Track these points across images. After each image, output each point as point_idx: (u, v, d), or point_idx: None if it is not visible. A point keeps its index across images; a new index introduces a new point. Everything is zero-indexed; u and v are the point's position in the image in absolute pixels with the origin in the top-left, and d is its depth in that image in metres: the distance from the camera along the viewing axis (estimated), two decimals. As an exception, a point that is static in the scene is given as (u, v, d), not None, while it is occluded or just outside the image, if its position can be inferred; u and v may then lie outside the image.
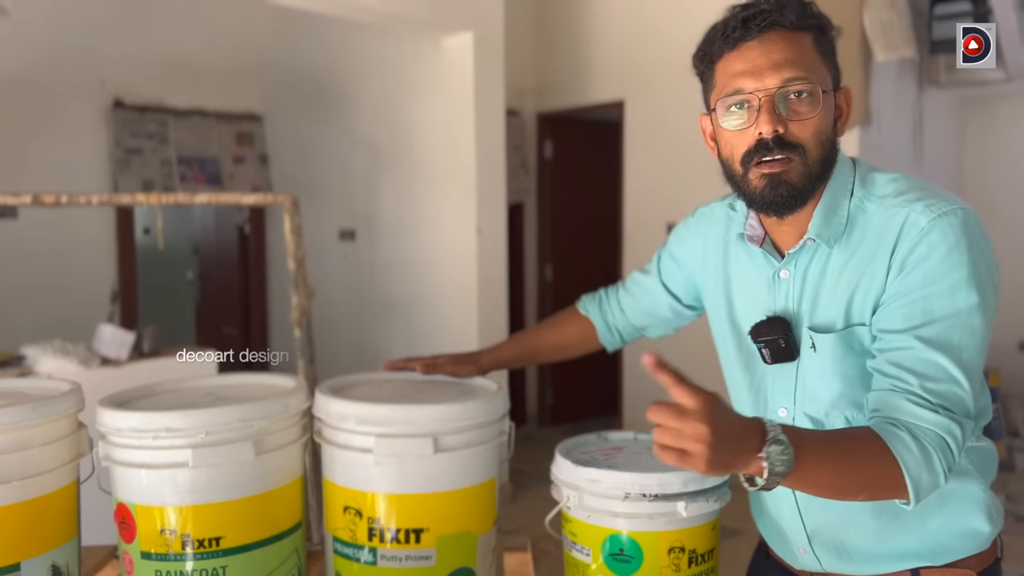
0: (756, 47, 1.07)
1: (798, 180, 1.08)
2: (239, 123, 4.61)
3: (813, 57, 1.08)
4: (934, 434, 0.99)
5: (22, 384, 1.32)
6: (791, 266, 1.16)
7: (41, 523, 1.14)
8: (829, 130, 1.09)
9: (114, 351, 3.03)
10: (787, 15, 1.07)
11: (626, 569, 1.18)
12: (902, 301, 1.05)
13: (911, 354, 1.02)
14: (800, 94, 1.06)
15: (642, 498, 1.16)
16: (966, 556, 1.14)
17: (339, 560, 1.24)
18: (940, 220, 1.04)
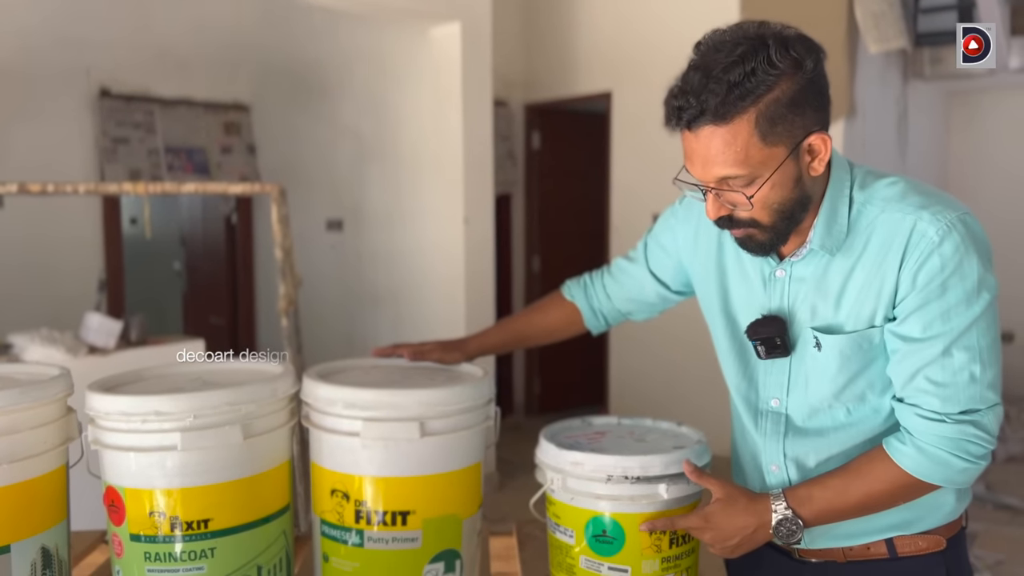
0: (690, 138, 1.09)
1: (764, 240, 1.14)
2: (226, 113, 4.60)
3: (749, 144, 1.05)
4: (948, 440, 1.08)
5: (11, 369, 1.32)
6: (788, 266, 1.20)
7: (31, 506, 1.15)
8: (786, 195, 1.10)
9: (101, 339, 3.03)
10: (711, 110, 1.04)
11: (608, 550, 1.21)
12: (921, 312, 1.10)
13: (934, 362, 1.09)
14: (735, 187, 1.08)
15: (624, 480, 1.19)
16: (936, 526, 1.21)
17: (326, 542, 1.26)
18: (949, 232, 1.08)
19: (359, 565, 1.22)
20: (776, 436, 1.25)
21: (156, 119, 4.30)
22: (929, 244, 1.08)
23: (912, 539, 1.21)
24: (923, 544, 1.21)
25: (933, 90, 5.37)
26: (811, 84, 1.07)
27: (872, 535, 1.21)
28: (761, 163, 1.07)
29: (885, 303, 1.12)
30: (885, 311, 1.13)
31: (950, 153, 5.87)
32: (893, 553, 1.21)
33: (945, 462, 1.09)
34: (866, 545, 1.22)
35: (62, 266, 3.97)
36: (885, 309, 1.13)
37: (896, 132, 4.88)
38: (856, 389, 1.18)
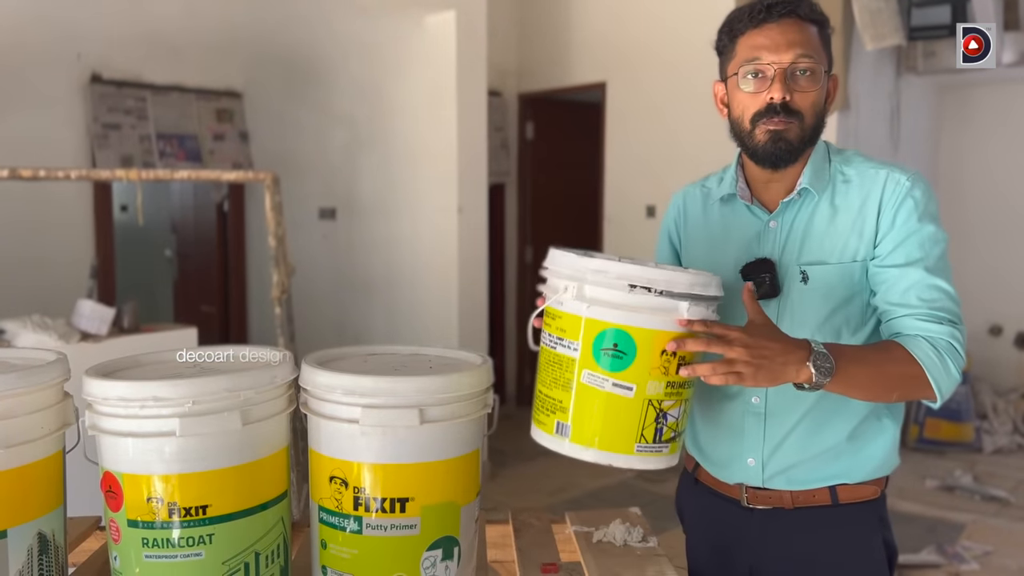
0: (775, 28, 1.33)
1: (795, 139, 1.34)
2: (218, 100, 4.57)
3: (817, 44, 1.34)
4: (944, 341, 1.27)
5: (7, 354, 1.32)
6: (780, 217, 1.40)
7: (27, 491, 1.15)
8: (822, 105, 1.37)
9: (94, 326, 3.02)
10: (802, 7, 1.33)
11: (617, 364, 1.18)
12: (904, 243, 1.32)
13: (917, 282, 1.30)
14: (805, 71, 1.32)
15: (647, 292, 1.16)
16: (872, 477, 1.40)
17: (324, 529, 1.26)
18: (917, 180, 1.35)
19: (357, 552, 1.23)
20: None
21: (148, 105, 4.27)
22: (903, 189, 1.34)
23: (853, 488, 1.39)
24: (861, 492, 1.39)
25: (926, 84, 5.39)
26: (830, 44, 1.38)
27: (819, 482, 1.38)
28: (822, 60, 1.34)
29: (867, 241, 1.35)
30: (866, 250, 1.35)
31: (942, 146, 5.89)
32: (835, 500, 1.38)
33: (945, 363, 1.26)
34: (811, 492, 1.39)
35: (54, 252, 3.95)
36: (866, 248, 1.35)
37: (889, 126, 4.90)
38: (834, 323, 1.36)
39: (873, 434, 1.40)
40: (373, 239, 4.92)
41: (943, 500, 4.37)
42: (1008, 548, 3.75)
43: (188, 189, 5.44)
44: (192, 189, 5.37)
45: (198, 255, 5.38)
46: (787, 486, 1.40)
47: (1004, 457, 5.05)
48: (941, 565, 3.57)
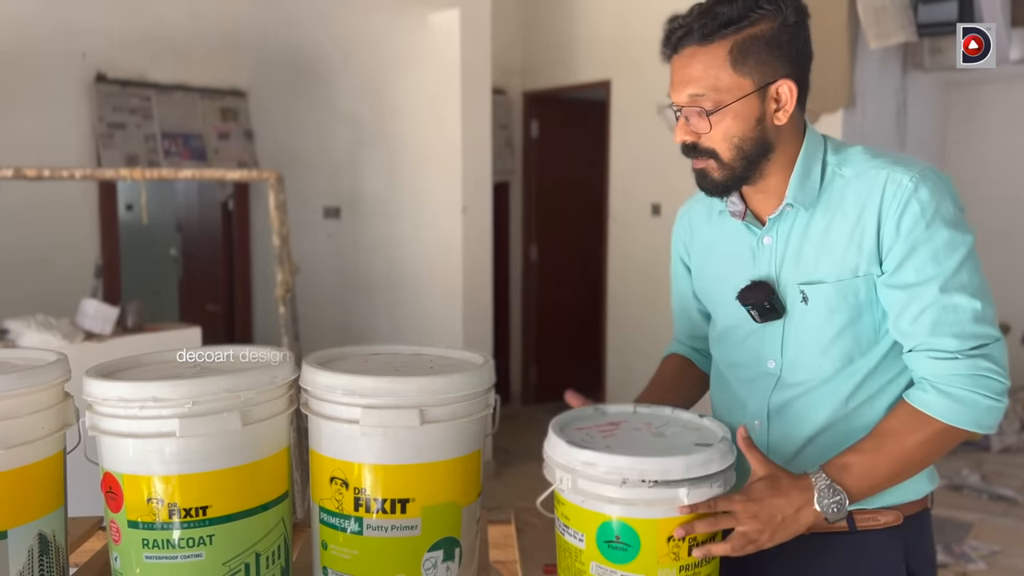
0: (676, 62, 1.23)
1: (719, 177, 1.24)
2: (223, 99, 4.57)
3: (721, 69, 1.18)
4: (967, 378, 1.13)
5: (7, 354, 1.31)
6: (773, 232, 1.28)
7: (28, 492, 1.14)
8: (746, 131, 1.21)
9: (98, 325, 3.02)
10: (696, 31, 1.19)
11: (622, 557, 1.12)
12: (912, 257, 1.17)
13: (935, 303, 1.15)
14: (701, 110, 1.20)
15: (641, 484, 1.09)
16: (897, 503, 1.27)
17: (325, 530, 1.25)
18: (922, 179, 1.17)
19: (358, 552, 1.22)
20: (764, 393, 1.30)
21: (153, 105, 4.27)
22: (905, 192, 1.17)
23: (871, 513, 1.26)
24: (881, 519, 1.25)
25: (933, 81, 5.36)
26: (790, 34, 1.20)
27: None
28: (727, 89, 1.19)
29: (867, 255, 1.20)
30: (868, 263, 1.20)
31: (949, 144, 5.86)
32: (853, 527, 1.25)
33: (971, 402, 1.12)
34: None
35: (58, 252, 3.95)
36: (868, 262, 1.20)
37: (895, 123, 4.88)
38: (843, 345, 1.24)
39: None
40: (377, 238, 4.92)
41: (950, 499, 4.35)
42: (1016, 548, 3.73)
43: (193, 188, 5.44)
44: (197, 188, 5.37)
45: (203, 254, 5.38)
46: None
47: (1012, 456, 5.02)
48: (948, 565, 3.56)
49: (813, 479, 1.14)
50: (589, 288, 5.67)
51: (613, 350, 5.17)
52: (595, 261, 5.46)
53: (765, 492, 1.13)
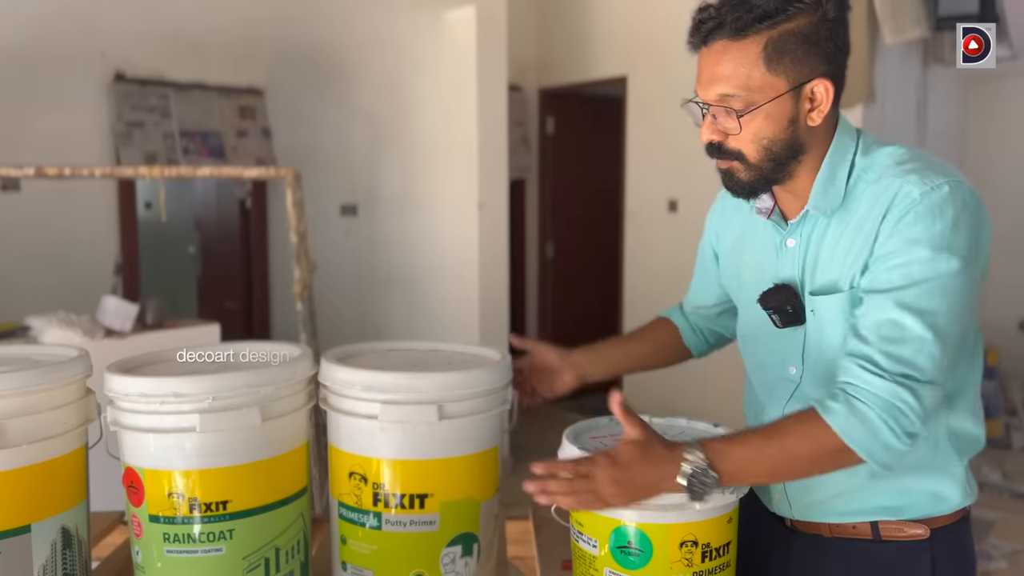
0: (705, 55, 1.14)
1: (746, 178, 1.17)
2: (240, 97, 4.59)
3: (754, 67, 1.10)
4: (881, 400, 1.04)
5: (30, 350, 1.33)
6: (796, 235, 1.22)
7: (51, 487, 1.16)
8: (776, 133, 1.13)
9: (118, 322, 3.05)
10: (728, 24, 1.09)
11: (634, 563, 1.12)
12: (885, 265, 1.09)
13: (884, 316, 1.07)
14: (730, 110, 1.12)
15: None
16: (928, 516, 1.20)
17: (344, 525, 1.26)
18: (932, 192, 1.08)
19: (377, 548, 1.23)
20: (782, 399, 1.26)
21: (171, 103, 4.30)
22: (911, 203, 1.08)
23: (897, 524, 1.20)
24: (907, 531, 1.19)
25: (954, 75, 5.30)
26: (829, 30, 1.11)
27: (861, 515, 1.21)
28: (760, 89, 1.10)
29: (863, 260, 1.13)
30: (862, 268, 1.13)
31: (970, 138, 5.80)
32: (877, 535, 1.20)
33: (874, 427, 1.03)
34: (852, 524, 1.22)
35: (78, 249, 3.99)
36: (862, 266, 1.13)
37: (916, 117, 4.83)
38: None
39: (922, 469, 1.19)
40: (394, 235, 4.93)
41: (971, 497, 4.30)
42: (1038, 546, 3.69)
43: (211, 186, 5.47)
44: (215, 186, 5.41)
45: (221, 252, 5.41)
46: (821, 518, 1.24)
47: (1034, 454, 4.97)
48: (969, 563, 3.51)
49: (687, 455, 1.06)
50: (605, 285, 5.66)
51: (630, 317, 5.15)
52: (611, 258, 5.45)
53: (633, 458, 1.07)
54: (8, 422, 1.09)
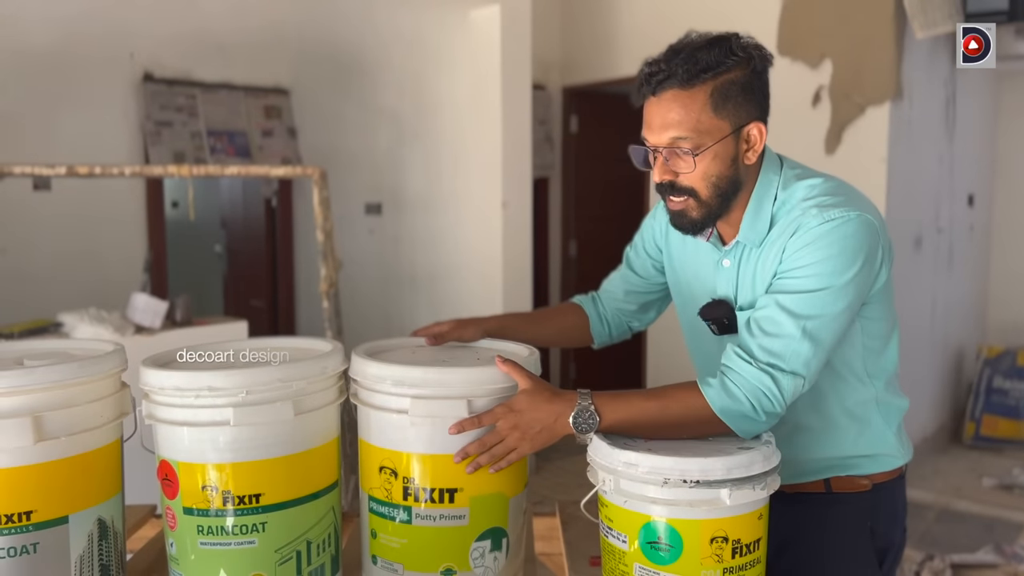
0: (654, 104, 1.28)
1: (696, 215, 1.31)
2: (266, 96, 4.63)
3: (702, 111, 1.24)
4: (748, 383, 1.21)
5: (66, 344, 1.35)
6: (731, 256, 1.37)
7: (87, 478, 1.18)
8: (723, 170, 1.28)
9: (148, 319, 3.08)
10: (678, 75, 1.24)
11: (664, 558, 1.12)
12: (780, 277, 1.26)
13: (765, 312, 1.24)
14: (683, 151, 1.26)
15: (682, 484, 1.10)
16: (869, 472, 1.40)
17: (375, 519, 1.27)
18: (828, 224, 1.23)
19: (407, 541, 1.24)
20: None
21: (198, 103, 4.34)
22: (807, 231, 1.24)
23: (845, 479, 1.39)
24: (853, 484, 1.39)
25: (984, 72, 5.23)
26: (759, 80, 1.29)
27: (812, 474, 1.39)
28: (708, 132, 1.25)
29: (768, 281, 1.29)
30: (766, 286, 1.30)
31: (1000, 135, 5.72)
32: (828, 488, 1.39)
33: (739, 403, 1.20)
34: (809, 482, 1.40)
35: (108, 247, 4.04)
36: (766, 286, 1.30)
37: (944, 115, 4.77)
38: None
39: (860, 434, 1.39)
40: (419, 234, 4.94)
41: (1001, 499, 4.26)
42: (1069, 549, 3.63)
43: (237, 185, 5.52)
44: (241, 185, 5.45)
45: (247, 250, 5.46)
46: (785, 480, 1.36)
47: (1064, 455, 4.90)
48: (999, 565, 3.48)
49: (579, 399, 1.22)
50: (629, 284, 5.62)
51: (653, 345, 5.14)
52: (635, 256, 5.41)
53: (526, 404, 1.23)
54: (47, 415, 1.11)
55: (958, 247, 5.09)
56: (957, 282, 5.15)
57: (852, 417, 1.39)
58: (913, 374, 4.46)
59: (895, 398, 1.43)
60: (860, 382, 1.38)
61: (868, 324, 1.35)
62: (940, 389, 5.08)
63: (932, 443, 4.88)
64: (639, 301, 1.65)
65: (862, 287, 1.27)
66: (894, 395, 1.43)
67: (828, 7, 4.21)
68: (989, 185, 5.68)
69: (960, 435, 5.16)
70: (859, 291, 1.27)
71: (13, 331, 2.87)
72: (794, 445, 1.37)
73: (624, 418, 1.22)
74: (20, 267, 3.74)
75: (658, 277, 1.60)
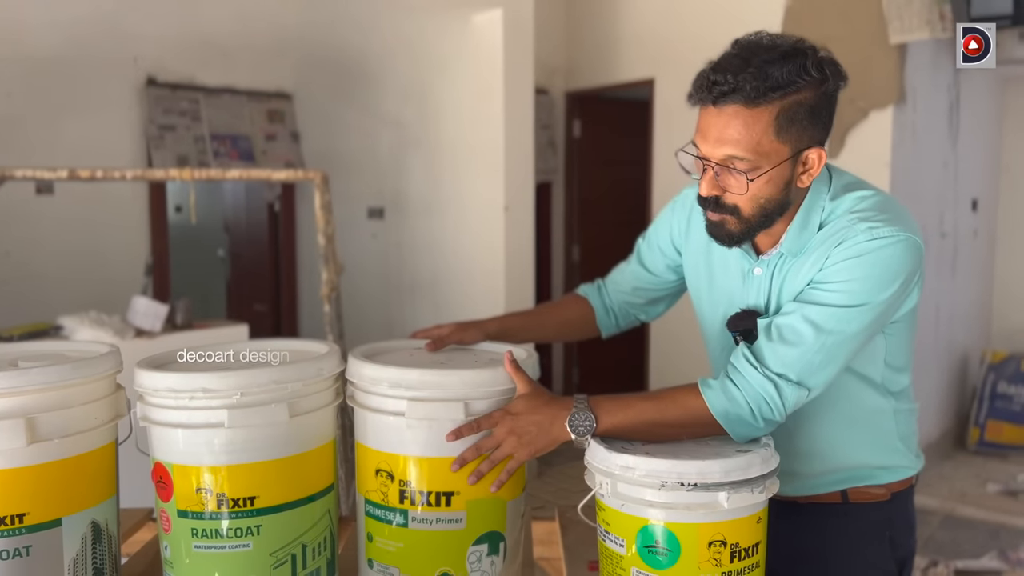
0: (713, 113, 1.18)
1: (735, 230, 1.25)
2: (269, 101, 4.64)
3: (764, 133, 1.16)
4: (752, 389, 1.19)
5: (61, 346, 1.34)
6: (764, 264, 1.32)
7: (81, 481, 1.17)
8: (773, 194, 1.22)
9: (148, 323, 3.08)
10: (745, 91, 1.14)
11: (662, 563, 1.11)
12: (813, 286, 1.22)
13: (788, 320, 1.21)
14: (737, 171, 1.19)
15: (680, 487, 1.08)
16: (886, 482, 1.38)
17: (371, 522, 1.26)
18: (877, 242, 1.18)
19: (403, 545, 1.22)
20: None
21: (201, 107, 4.35)
22: (851, 246, 1.19)
23: (863, 489, 1.37)
24: (871, 493, 1.37)
25: (988, 76, 5.22)
26: (828, 102, 1.20)
27: (828, 486, 1.37)
28: (767, 155, 1.17)
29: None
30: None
31: (1005, 140, 5.70)
32: (845, 499, 1.37)
33: (739, 407, 1.18)
34: (825, 493, 1.38)
35: (110, 251, 4.04)
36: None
37: (947, 120, 4.76)
38: None
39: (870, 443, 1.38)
40: (420, 238, 4.94)
41: (1006, 505, 4.23)
42: (1075, 556, 3.61)
43: (240, 189, 5.53)
44: (244, 189, 5.46)
45: (250, 254, 5.46)
46: (793, 492, 1.37)
47: (1071, 462, 4.87)
48: (1004, 571, 3.46)
49: (575, 402, 1.21)
50: (632, 288, 5.61)
51: (656, 351, 5.13)
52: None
53: (523, 408, 1.22)
54: (40, 416, 1.10)
55: (962, 252, 5.07)
56: (961, 287, 5.13)
57: (868, 426, 1.36)
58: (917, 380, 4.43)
59: (909, 405, 1.41)
60: (879, 394, 1.36)
61: (892, 342, 1.32)
62: (944, 394, 5.06)
63: (936, 449, 4.86)
64: (647, 297, 1.60)
65: (891, 309, 1.24)
66: (908, 403, 1.41)
67: (831, 12, 4.20)
68: (993, 190, 5.67)
69: (964, 440, 5.14)
70: (888, 312, 1.24)
71: (12, 334, 2.87)
72: (809, 456, 1.35)
73: (621, 420, 1.21)
74: (22, 271, 3.74)
75: (670, 275, 1.55)
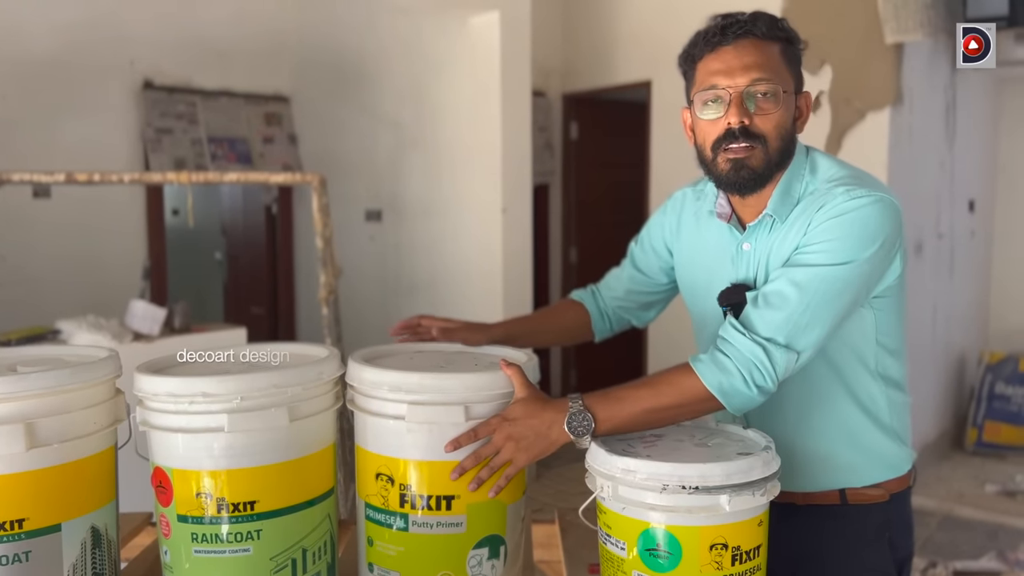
0: (731, 51, 1.28)
1: (758, 165, 1.29)
2: (267, 104, 4.63)
3: (778, 63, 1.29)
4: (741, 355, 1.21)
5: (60, 351, 1.34)
6: (752, 239, 1.36)
7: (81, 486, 1.16)
8: (788, 125, 1.30)
9: (146, 326, 3.08)
10: (759, 26, 1.28)
11: (663, 566, 1.10)
12: (798, 251, 1.26)
13: (774, 286, 1.24)
14: (764, 93, 1.27)
15: (681, 490, 1.08)
16: (884, 480, 1.39)
17: (371, 526, 1.26)
18: (854, 201, 1.24)
19: (404, 549, 1.22)
20: None
21: (198, 110, 4.34)
22: (831, 208, 1.25)
23: (861, 490, 1.38)
24: (870, 494, 1.38)
25: (984, 77, 5.23)
26: (800, 60, 1.34)
27: (826, 483, 1.38)
28: (783, 79, 1.29)
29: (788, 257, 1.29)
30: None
31: (1001, 141, 5.71)
32: (844, 500, 1.38)
33: (731, 376, 1.20)
34: (823, 492, 1.38)
35: (108, 254, 4.04)
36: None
37: (944, 120, 4.77)
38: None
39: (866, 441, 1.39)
40: (418, 240, 4.94)
41: (1004, 505, 4.23)
42: (1073, 556, 3.61)
43: (238, 192, 5.52)
44: (241, 192, 5.45)
45: (247, 257, 5.45)
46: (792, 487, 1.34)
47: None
48: (1002, 572, 3.46)
49: (570, 403, 1.22)
50: (630, 290, 5.60)
51: (654, 353, 5.13)
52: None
53: (520, 412, 1.21)
54: (39, 421, 1.10)
55: (959, 253, 5.08)
56: (958, 288, 5.13)
57: (863, 411, 1.37)
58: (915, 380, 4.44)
59: (903, 397, 1.43)
60: (872, 378, 1.37)
61: (882, 318, 1.34)
62: (942, 395, 5.06)
63: (934, 449, 4.86)
64: (640, 301, 1.64)
65: (876, 270, 1.27)
66: (902, 395, 1.43)
67: (828, 13, 4.21)
68: (990, 191, 5.68)
69: (962, 441, 5.14)
70: (872, 274, 1.27)
71: (10, 338, 2.86)
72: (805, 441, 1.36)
73: (619, 412, 1.22)
74: (19, 275, 3.74)
75: (662, 277, 1.60)
